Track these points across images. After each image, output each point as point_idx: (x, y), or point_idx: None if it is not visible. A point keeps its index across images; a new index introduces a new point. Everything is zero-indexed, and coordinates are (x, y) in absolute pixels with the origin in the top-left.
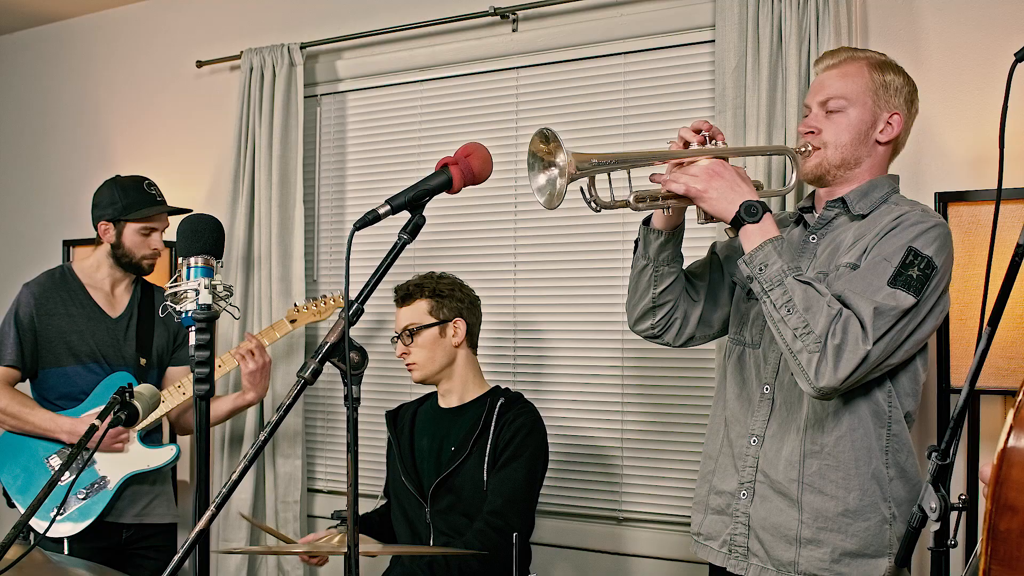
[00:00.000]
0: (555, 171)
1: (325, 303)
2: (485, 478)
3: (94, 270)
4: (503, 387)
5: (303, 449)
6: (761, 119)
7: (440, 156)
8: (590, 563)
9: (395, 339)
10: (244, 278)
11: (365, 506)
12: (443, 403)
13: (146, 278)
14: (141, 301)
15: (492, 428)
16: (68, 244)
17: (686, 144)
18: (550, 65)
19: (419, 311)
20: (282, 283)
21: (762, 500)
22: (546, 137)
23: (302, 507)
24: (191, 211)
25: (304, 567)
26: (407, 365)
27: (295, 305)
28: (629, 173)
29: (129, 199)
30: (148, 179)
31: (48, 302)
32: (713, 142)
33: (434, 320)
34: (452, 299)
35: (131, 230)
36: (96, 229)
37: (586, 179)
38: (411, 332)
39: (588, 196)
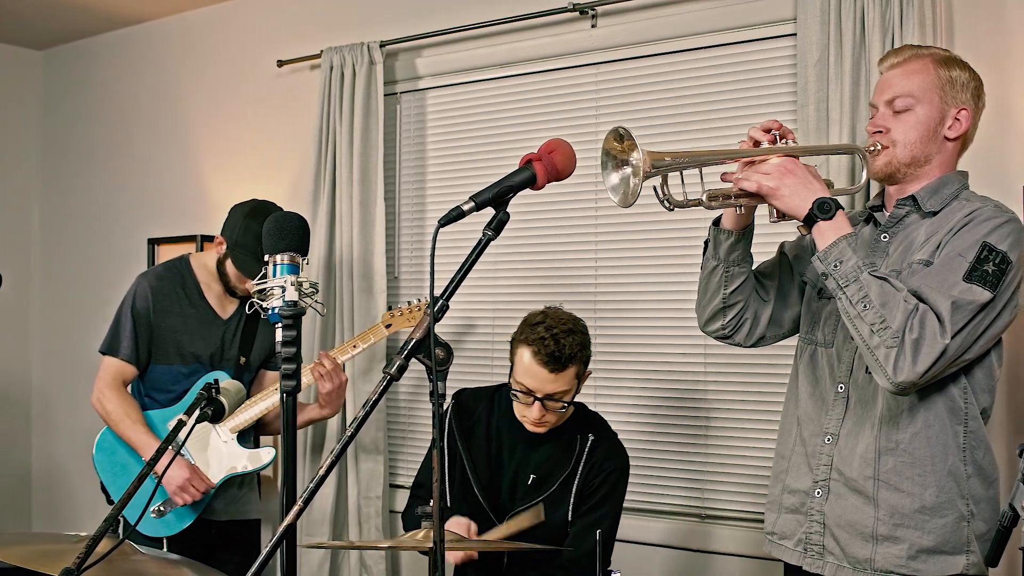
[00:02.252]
0: (629, 170)
1: (417, 308)
2: (569, 517)
3: (211, 269)
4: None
5: (385, 445)
6: (844, 113)
7: (519, 153)
8: (672, 560)
9: (529, 397)
10: (326, 275)
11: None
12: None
13: None
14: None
15: (581, 469)
16: (153, 242)
17: (756, 143)
18: (630, 61)
19: (570, 378)
20: (363, 280)
21: (837, 498)
22: (620, 135)
23: (384, 503)
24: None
25: (387, 561)
26: (540, 423)
27: (389, 308)
28: (701, 172)
29: (244, 240)
30: None
31: (165, 299)
32: (783, 141)
33: (577, 383)
34: (587, 350)
35: (232, 265)
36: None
37: (659, 178)
38: (564, 404)
39: (661, 195)
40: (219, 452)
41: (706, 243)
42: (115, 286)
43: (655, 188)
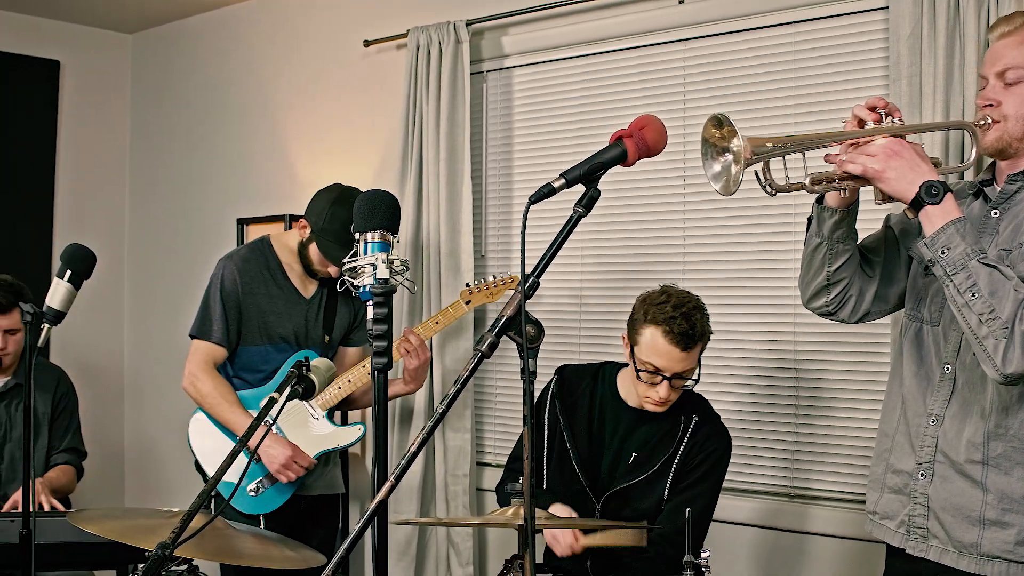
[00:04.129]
0: (729, 157)
1: (496, 285)
2: (666, 495)
3: (293, 249)
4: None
5: (472, 422)
6: (938, 87)
7: (605, 131)
8: (761, 540)
9: (657, 376)
10: (413, 254)
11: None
12: (630, 401)
13: None
14: (331, 280)
15: (682, 448)
16: (242, 223)
17: (861, 123)
18: (718, 37)
19: (696, 355)
20: (451, 259)
21: (942, 481)
22: (719, 122)
23: (471, 480)
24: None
25: (474, 538)
26: (660, 404)
27: (467, 285)
28: (804, 155)
29: (331, 227)
30: None
31: (252, 280)
32: (889, 119)
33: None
34: (711, 328)
35: (316, 249)
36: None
37: (760, 163)
38: (693, 380)
39: (763, 180)
40: (312, 430)
41: (809, 220)
42: (205, 266)
43: (756, 173)
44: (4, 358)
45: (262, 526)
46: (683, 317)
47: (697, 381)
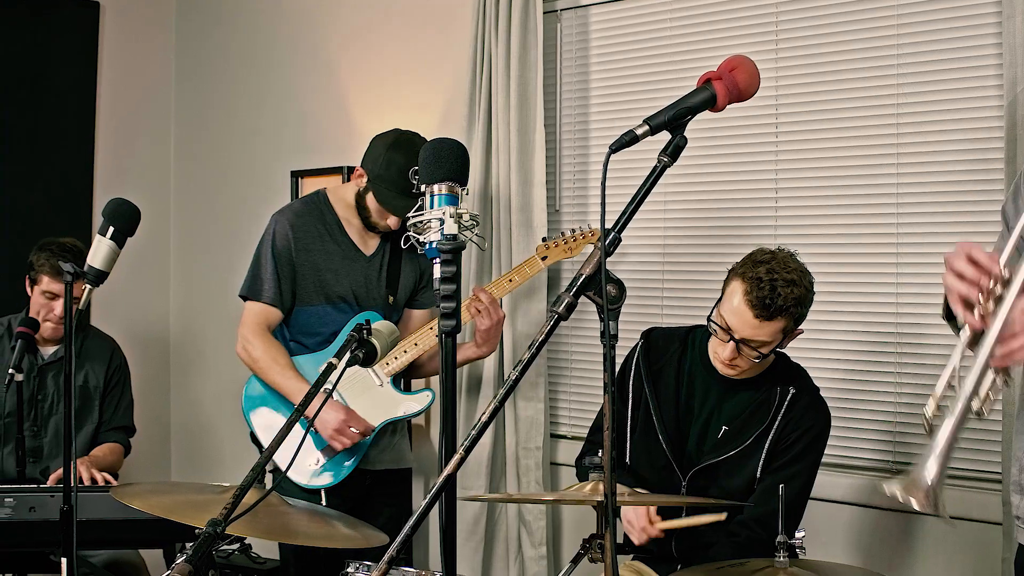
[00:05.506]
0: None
1: (575, 238)
2: (758, 474)
3: (351, 202)
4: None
5: (546, 391)
6: None
7: (692, 74)
8: (858, 519)
9: (726, 334)
10: (481, 208)
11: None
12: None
13: None
14: (395, 236)
15: (777, 423)
16: (296, 175)
17: (968, 306)
18: None
19: (774, 330)
20: (522, 213)
21: None
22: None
23: (544, 453)
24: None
25: (548, 516)
26: (729, 365)
27: (543, 240)
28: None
29: (387, 173)
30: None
31: (306, 236)
32: (997, 288)
33: (782, 338)
34: (804, 308)
35: (373, 199)
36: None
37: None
38: (760, 355)
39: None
40: (376, 397)
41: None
42: (257, 222)
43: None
44: (62, 324)
45: (323, 502)
46: (769, 284)
47: (765, 356)
